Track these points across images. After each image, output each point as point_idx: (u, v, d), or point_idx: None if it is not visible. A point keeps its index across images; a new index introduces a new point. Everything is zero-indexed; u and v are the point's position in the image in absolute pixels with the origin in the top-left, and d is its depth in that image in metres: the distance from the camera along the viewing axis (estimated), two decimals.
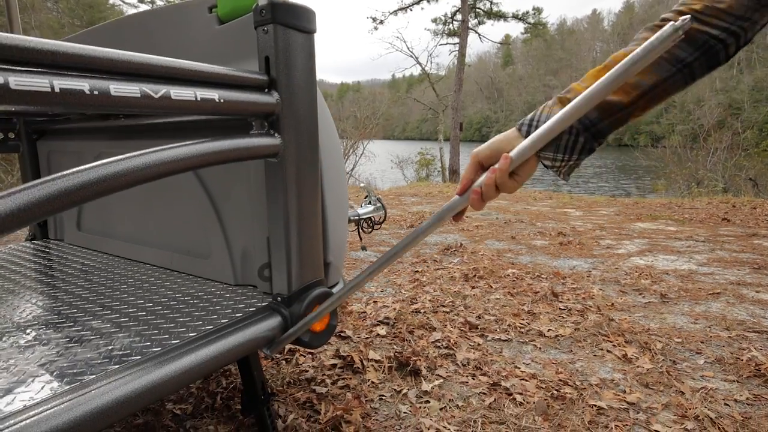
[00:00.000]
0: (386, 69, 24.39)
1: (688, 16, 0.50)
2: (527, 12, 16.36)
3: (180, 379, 0.81)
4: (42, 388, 0.74)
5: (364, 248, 2.76)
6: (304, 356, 1.85)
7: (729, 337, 2.11)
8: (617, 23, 76.99)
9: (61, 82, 0.63)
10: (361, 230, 2.45)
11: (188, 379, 0.83)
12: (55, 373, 0.78)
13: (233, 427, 1.40)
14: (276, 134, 0.97)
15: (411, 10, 16.42)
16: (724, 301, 2.58)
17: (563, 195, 9.02)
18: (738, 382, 1.73)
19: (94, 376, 0.76)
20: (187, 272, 1.35)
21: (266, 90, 0.95)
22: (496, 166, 0.63)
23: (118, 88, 0.70)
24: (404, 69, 19.28)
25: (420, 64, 17.40)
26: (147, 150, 0.75)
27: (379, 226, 2.51)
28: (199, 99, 0.81)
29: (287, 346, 1.85)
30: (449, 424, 1.45)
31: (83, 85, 0.65)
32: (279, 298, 1.05)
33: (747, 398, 1.61)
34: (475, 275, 3.04)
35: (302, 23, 0.97)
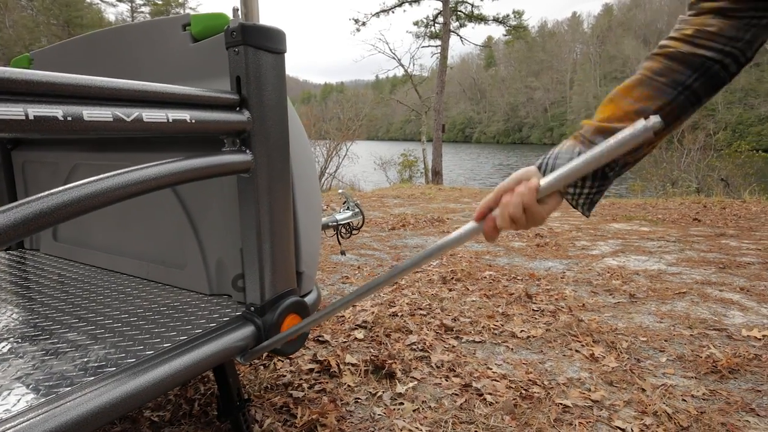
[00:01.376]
0: (370, 70, 24.47)
1: (658, 118, 0.53)
2: (507, 15, 16.61)
3: (155, 388, 0.85)
4: (18, 401, 0.76)
5: (343, 252, 2.81)
6: (282, 361, 1.89)
7: (691, 335, 2.21)
8: (596, 26, 78.45)
9: (35, 110, 0.67)
10: (339, 235, 2.49)
11: (163, 389, 0.86)
12: (30, 386, 0.81)
13: None
14: (247, 151, 1.01)
15: (393, 12, 16.53)
16: (689, 301, 2.70)
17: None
18: (696, 378, 1.82)
19: (69, 388, 0.79)
20: (163, 282, 1.38)
21: (237, 109, 0.99)
22: (521, 188, 0.63)
23: (91, 113, 0.73)
24: (387, 71, 19.39)
25: (402, 66, 17.51)
26: (121, 171, 0.78)
27: (357, 231, 2.56)
28: (170, 120, 0.84)
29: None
30: (421, 425, 1.50)
31: (57, 111, 0.69)
32: (252, 308, 1.09)
33: (703, 394, 1.70)
34: (452, 278, 3.11)
35: (272, 44, 1.01)
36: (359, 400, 1.64)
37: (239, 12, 1.00)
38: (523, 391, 1.69)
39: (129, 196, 0.78)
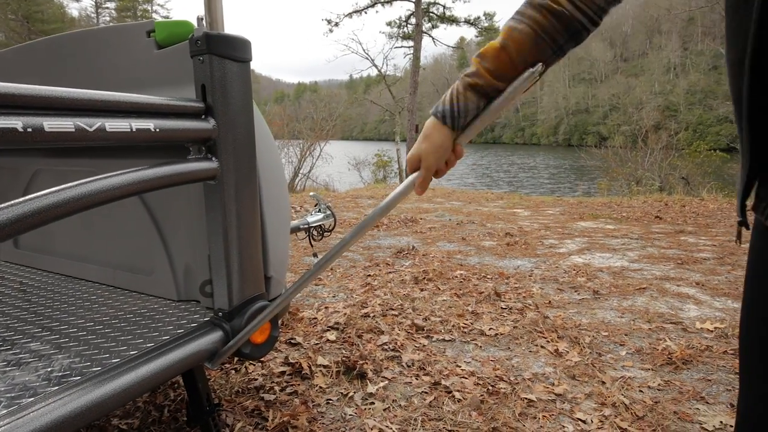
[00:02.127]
0: (343, 70, 24.38)
1: (540, 65, 0.67)
2: (479, 17, 16.86)
3: (120, 397, 0.85)
4: None
5: (315, 255, 2.82)
6: (254, 365, 1.89)
7: (649, 329, 2.32)
8: None
9: None
10: (311, 238, 2.50)
11: (129, 397, 0.87)
12: None
13: None
14: (213, 158, 1.02)
15: (366, 12, 16.53)
16: (649, 296, 2.82)
17: (514, 195, 9.38)
18: (653, 370, 1.91)
19: (32, 399, 0.79)
20: (130, 289, 1.37)
21: (203, 117, 1.00)
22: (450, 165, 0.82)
23: (52, 124, 0.73)
24: (361, 71, 19.38)
25: (376, 66, 17.54)
26: (85, 180, 0.78)
27: (329, 233, 2.58)
28: (134, 129, 0.85)
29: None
30: (391, 423, 1.54)
31: (16, 123, 0.69)
32: (220, 313, 1.10)
33: (659, 384, 1.79)
34: (424, 278, 3.16)
35: (237, 53, 1.02)
36: (331, 401, 1.67)
37: (204, 21, 1.01)
38: (490, 387, 1.75)
39: (93, 206, 0.79)
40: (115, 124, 0.82)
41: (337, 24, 16.67)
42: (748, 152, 0.59)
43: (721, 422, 1.53)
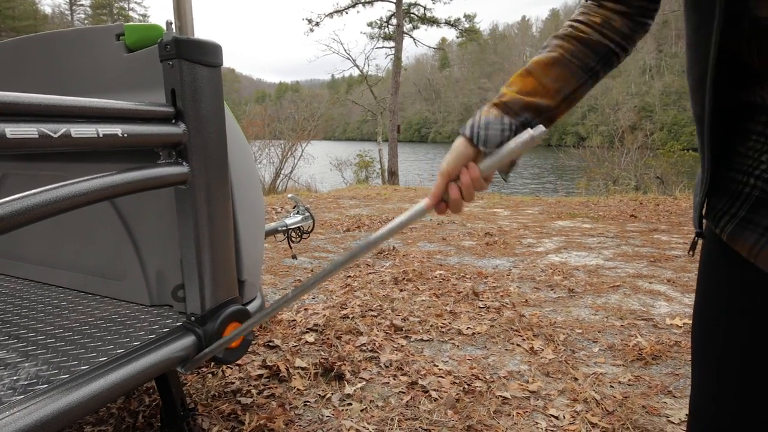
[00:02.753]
0: (325, 70, 24.32)
1: (541, 127, 0.64)
2: (458, 19, 17.00)
3: (89, 404, 0.84)
4: None
5: (294, 257, 2.81)
6: (231, 368, 1.88)
7: (621, 325, 2.38)
8: (544, 30, 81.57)
9: None
10: (290, 240, 2.50)
11: (99, 404, 0.86)
12: None
13: None
14: (184, 163, 1.02)
15: (347, 13, 16.52)
16: (622, 293, 2.89)
17: (494, 195, 9.49)
18: (624, 366, 1.97)
19: None
20: (101, 294, 1.35)
21: (173, 121, 1.00)
22: (465, 179, 0.72)
23: (15, 130, 0.72)
24: (343, 71, 19.35)
25: (357, 66, 17.53)
26: (52, 186, 0.78)
27: (308, 235, 2.58)
28: (101, 135, 0.84)
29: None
30: (368, 424, 1.55)
31: None
32: (193, 318, 1.09)
33: (629, 380, 1.84)
34: (404, 278, 3.18)
35: (207, 58, 1.02)
36: (308, 403, 1.67)
37: (173, 25, 1.00)
38: (466, 386, 1.78)
39: (61, 212, 0.78)
40: (81, 130, 0.81)
41: (318, 24, 16.62)
42: (709, 170, 0.61)
43: (686, 414, 1.59)
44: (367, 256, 3.83)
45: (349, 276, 3.29)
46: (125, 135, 0.89)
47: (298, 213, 2.54)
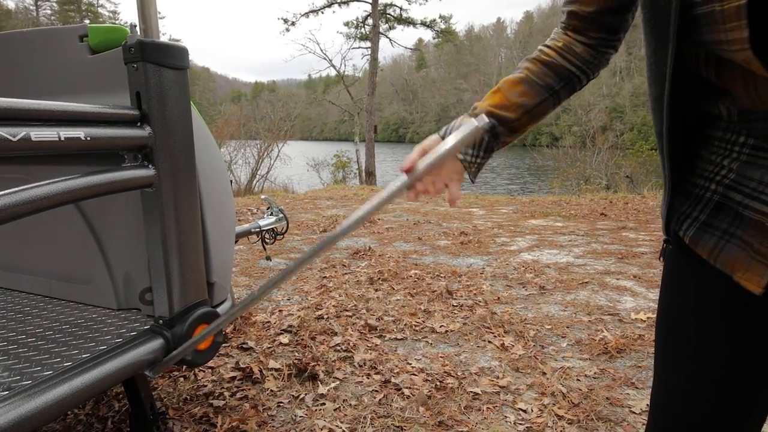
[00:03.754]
0: (302, 69, 24.15)
1: (485, 117, 0.66)
2: (434, 20, 17.14)
3: (53, 409, 0.84)
4: None
5: (268, 258, 2.80)
6: (203, 371, 1.87)
7: (589, 321, 2.46)
8: (519, 32, 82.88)
9: None
10: (264, 241, 2.49)
11: (63, 409, 0.85)
12: None
13: None
14: (150, 165, 1.02)
15: (322, 12, 16.46)
16: (590, 289, 2.98)
17: (470, 195, 9.61)
18: (590, 359, 2.04)
19: None
20: (67, 299, 1.33)
21: (138, 124, 1.00)
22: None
23: None
24: (320, 71, 19.26)
25: (334, 66, 17.48)
26: (14, 189, 0.77)
27: (281, 236, 2.57)
28: (63, 139, 0.84)
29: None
30: (342, 423, 1.57)
31: None
32: (161, 321, 1.09)
33: (594, 373, 1.91)
34: (379, 278, 3.20)
35: (173, 61, 1.02)
36: (281, 404, 1.68)
37: (137, 28, 1.00)
38: (438, 383, 1.81)
39: (23, 216, 0.77)
40: (41, 134, 0.81)
41: (293, 23, 16.50)
42: (670, 180, 0.65)
43: (647, 405, 1.66)
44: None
45: (325, 277, 3.29)
46: (88, 138, 0.88)
47: (272, 214, 2.53)
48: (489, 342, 2.21)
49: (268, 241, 2.53)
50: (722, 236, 0.59)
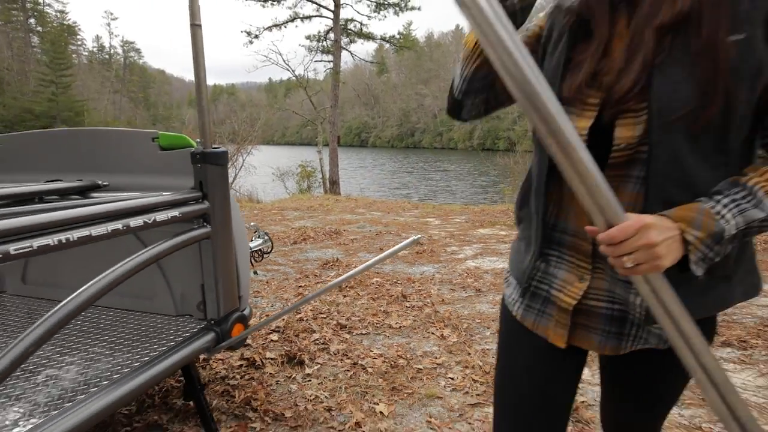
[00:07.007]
0: (263, 72, 24.42)
1: (419, 236, 1.22)
2: (393, 36, 17.99)
3: (148, 383, 1.44)
4: (33, 411, 1.33)
5: (255, 272, 3.41)
6: (216, 362, 2.47)
7: None
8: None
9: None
10: (252, 260, 3.11)
11: (158, 380, 1.46)
12: (41, 403, 1.37)
13: (173, 415, 2.00)
14: (207, 225, 1.64)
15: (285, 27, 16.95)
16: None
17: (427, 205, 10.40)
18: None
19: (70, 403, 1.34)
20: (137, 309, 1.92)
21: (201, 200, 1.62)
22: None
23: (97, 230, 1.33)
24: (281, 77, 19.60)
25: (296, 77, 17.97)
26: (120, 264, 1.38)
27: (267, 255, 3.19)
28: (170, 217, 1.46)
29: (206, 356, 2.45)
30: (324, 391, 2.22)
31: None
32: (212, 321, 1.71)
33: None
34: (347, 286, 3.86)
35: (221, 161, 1.66)
36: (279, 382, 2.31)
37: (199, 141, 1.63)
38: (393, 363, 2.49)
39: (133, 274, 1.38)
40: (160, 216, 1.42)
41: (257, 36, 16.91)
42: (538, 243, 0.88)
43: None
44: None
45: (300, 286, 3.92)
46: (180, 214, 1.50)
47: (258, 237, 3.15)
48: (432, 333, 2.91)
49: (256, 259, 3.14)
50: (538, 314, 0.89)
